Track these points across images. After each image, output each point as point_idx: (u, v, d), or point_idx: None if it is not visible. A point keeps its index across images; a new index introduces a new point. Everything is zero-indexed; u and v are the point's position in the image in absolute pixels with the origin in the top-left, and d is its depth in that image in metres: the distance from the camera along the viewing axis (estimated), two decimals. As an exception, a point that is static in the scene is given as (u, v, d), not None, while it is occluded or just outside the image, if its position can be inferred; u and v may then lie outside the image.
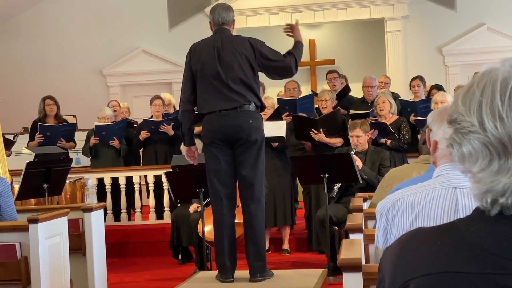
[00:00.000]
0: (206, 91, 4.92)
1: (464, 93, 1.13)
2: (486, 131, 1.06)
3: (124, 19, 12.54)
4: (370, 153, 6.60)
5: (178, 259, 7.43)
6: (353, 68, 12.51)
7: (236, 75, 4.86)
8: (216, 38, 4.99)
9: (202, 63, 4.92)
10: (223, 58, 4.88)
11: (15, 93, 12.28)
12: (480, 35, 11.76)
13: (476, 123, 1.08)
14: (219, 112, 4.86)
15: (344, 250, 2.86)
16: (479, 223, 1.09)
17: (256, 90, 4.96)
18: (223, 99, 4.86)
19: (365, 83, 8.53)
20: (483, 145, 1.07)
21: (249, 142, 4.85)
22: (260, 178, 4.96)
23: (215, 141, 4.88)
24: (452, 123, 1.13)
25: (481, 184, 1.08)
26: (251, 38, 5.08)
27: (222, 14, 5.05)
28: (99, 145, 8.60)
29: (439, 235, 1.12)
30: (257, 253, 4.93)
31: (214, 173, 4.93)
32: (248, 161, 4.88)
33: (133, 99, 12.46)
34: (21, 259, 4.51)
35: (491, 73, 1.11)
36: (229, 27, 5.07)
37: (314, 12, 12.00)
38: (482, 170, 1.07)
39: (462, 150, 1.10)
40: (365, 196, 4.76)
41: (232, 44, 4.93)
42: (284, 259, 7.29)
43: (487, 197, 1.07)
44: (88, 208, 5.56)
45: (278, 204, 7.35)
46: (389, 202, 2.09)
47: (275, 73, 5.07)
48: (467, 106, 1.10)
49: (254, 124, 4.89)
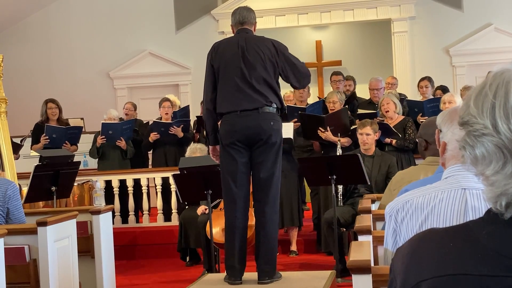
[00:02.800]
0: (228, 90, 4.89)
1: (476, 94, 1.12)
2: (500, 134, 1.05)
3: (131, 22, 12.57)
4: (377, 157, 6.59)
5: (186, 261, 7.44)
6: (360, 69, 12.50)
7: (259, 75, 4.84)
8: (240, 37, 4.97)
9: (226, 61, 4.89)
10: (247, 57, 4.86)
11: (22, 96, 12.31)
12: (487, 35, 11.72)
13: (489, 125, 1.07)
14: (240, 113, 4.83)
15: (353, 252, 2.85)
16: (492, 225, 1.08)
17: (278, 91, 4.94)
18: (245, 99, 4.82)
19: (371, 86, 8.55)
20: (497, 147, 1.06)
21: (268, 144, 4.83)
22: (277, 180, 4.93)
23: (235, 142, 4.83)
24: (464, 125, 1.12)
25: (494, 187, 1.07)
26: (275, 40, 5.07)
27: (243, 13, 5.05)
28: (106, 147, 8.61)
29: (451, 237, 1.11)
30: (268, 257, 4.89)
31: (230, 175, 4.88)
32: (267, 163, 4.85)
33: (140, 101, 12.47)
34: (30, 262, 4.52)
35: (503, 74, 1.10)
36: (250, 28, 5.06)
37: (320, 13, 11.99)
38: (496, 173, 1.06)
39: (475, 152, 1.09)
40: (373, 197, 4.75)
41: (256, 44, 4.92)
42: (292, 261, 7.28)
43: (501, 200, 1.06)
44: (97, 211, 5.57)
45: (285, 206, 7.34)
46: (398, 204, 2.09)
47: (295, 78, 5.02)
48: (479, 108, 1.09)
49: (275, 126, 4.87)
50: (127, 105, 9.50)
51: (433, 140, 2.71)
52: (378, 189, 6.29)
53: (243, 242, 4.95)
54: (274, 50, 4.91)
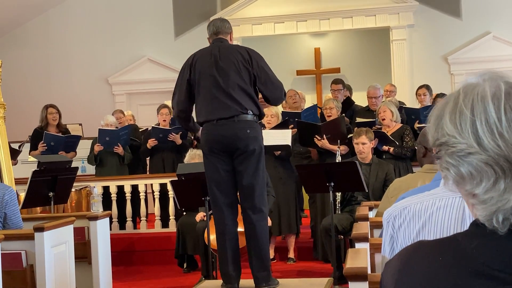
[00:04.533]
0: (204, 99, 4.91)
1: (450, 112, 1.09)
2: (487, 151, 1.03)
3: (130, 28, 12.58)
4: (375, 165, 6.59)
5: (184, 268, 7.42)
6: (359, 76, 12.52)
7: (233, 82, 4.84)
8: (214, 46, 5.00)
9: (200, 71, 4.92)
10: (220, 65, 4.88)
11: (21, 101, 12.31)
12: (486, 43, 11.75)
13: (474, 144, 1.04)
14: (216, 122, 4.85)
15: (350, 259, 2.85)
16: (480, 238, 1.06)
17: (255, 98, 4.93)
18: (221, 107, 4.84)
19: (369, 94, 8.56)
20: (487, 165, 1.03)
21: (247, 152, 4.83)
22: (261, 187, 4.93)
23: (214, 151, 4.87)
24: (443, 146, 1.09)
25: (488, 205, 1.05)
26: (250, 48, 5.08)
27: (217, 24, 5.08)
28: (103, 154, 8.60)
29: (440, 250, 1.10)
30: (261, 263, 4.90)
31: (214, 182, 4.92)
32: (248, 171, 4.86)
33: (139, 107, 12.49)
34: (27, 268, 4.51)
35: (475, 89, 1.08)
36: (225, 37, 5.07)
37: (319, 20, 12.01)
38: (488, 191, 1.04)
39: (461, 172, 1.07)
40: (370, 205, 4.75)
41: (229, 51, 4.93)
42: (290, 268, 7.27)
43: (498, 217, 1.04)
44: (94, 217, 5.57)
45: (282, 213, 7.34)
46: (395, 210, 2.08)
47: (266, 87, 4.98)
48: (458, 127, 1.06)
49: (252, 134, 4.86)
50: (116, 115, 9.48)
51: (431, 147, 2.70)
52: (375, 197, 6.28)
53: (236, 248, 4.95)
54: (248, 57, 4.91)
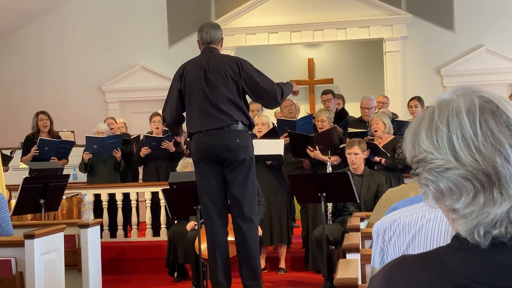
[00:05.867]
0: (194, 111, 4.93)
1: (426, 129, 1.10)
2: (465, 165, 1.04)
3: (124, 36, 12.59)
4: (366, 176, 6.60)
5: (174, 277, 7.39)
6: (352, 87, 12.56)
7: (223, 95, 4.85)
8: (203, 57, 5.01)
9: (190, 83, 4.93)
10: (209, 78, 4.88)
11: (13, 108, 12.29)
12: (479, 56, 11.81)
13: (452, 159, 1.05)
14: (206, 132, 4.87)
15: (340, 270, 2.85)
16: (462, 252, 1.07)
17: (244, 109, 4.95)
18: (210, 119, 4.86)
19: (362, 105, 8.58)
20: (466, 180, 1.04)
21: (237, 162, 4.84)
22: (251, 196, 4.94)
23: (204, 160, 4.87)
24: (421, 163, 1.10)
25: (469, 219, 1.06)
26: (239, 58, 5.08)
27: (210, 33, 5.07)
28: (95, 162, 8.58)
29: (423, 265, 1.10)
30: (251, 272, 4.90)
31: (205, 191, 4.93)
32: (237, 180, 4.87)
33: (132, 115, 12.47)
34: (17, 275, 4.49)
35: (450, 104, 1.09)
36: (216, 46, 5.08)
37: (313, 31, 12.05)
38: (468, 205, 1.05)
39: (440, 187, 1.07)
40: (362, 215, 4.76)
41: (218, 64, 4.93)
42: (281, 278, 7.25)
43: (479, 231, 1.05)
44: (85, 224, 5.55)
45: (274, 223, 7.33)
46: (385, 223, 2.09)
47: (258, 96, 5.01)
48: (435, 143, 1.07)
49: (242, 143, 4.87)
50: (108, 121, 9.47)
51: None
52: (367, 208, 6.29)
53: (226, 257, 4.95)
54: (237, 69, 4.91)
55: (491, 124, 1.05)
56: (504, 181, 1.04)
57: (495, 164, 1.03)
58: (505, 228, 1.04)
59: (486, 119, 1.06)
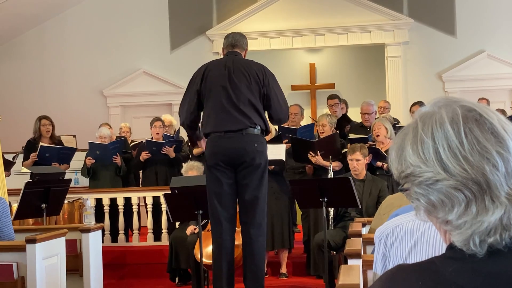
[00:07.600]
0: (213, 110, 4.91)
1: (411, 143, 1.09)
2: (454, 176, 1.04)
3: (125, 41, 12.60)
4: (368, 181, 6.60)
5: (176, 282, 7.38)
6: (353, 92, 12.55)
7: (245, 96, 4.85)
8: (228, 59, 5.01)
9: (212, 82, 4.92)
10: (233, 78, 4.88)
11: (15, 113, 12.29)
12: (480, 61, 11.80)
13: (440, 170, 1.05)
14: (223, 134, 4.85)
15: (342, 276, 2.84)
16: (457, 262, 1.07)
17: (262, 114, 4.96)
18: (230, 120, 4.84)
19: (362, 110, 8.58)
20: (457, 190, 1.04)
21: (252, 166, 4.84)
22: (262, 202, 4.93)
23: (219, 163, 4.85)
24: (409, 178, 1.10)
25: (463, 230, 1.05)
26: (266, 67, 5.09)
27: (236, 37, 5.10)
28: (97, 166, 8.58)
29: (419, 275, 1.09)
30: (255, 278, 4.89)
31: (216, 196, 4.90)
32: (251, 185, 4.86)
33: (133, 120, 12.47)
34: (18, 280, 4.49)
35: (433, 116, 1.09)
36: (241, 52, 5.09)
37: (315, 36, 12.06)
38: (461, 216, 1.05)
39: (431, 200, 1.07)
40: (363, 221, 4.75)
41: (243, 66, 4.94)
42: (282, 283, 7.24)
43: (474, 240, 1.05)
44: (86, 229, 5.55)
45: (275, 228, 7.32)
46: (388, 229, 2.08)
47: (272, 110, 5.04)
48: (422, 156, 1.07)
49: (259, 148, 4.87)
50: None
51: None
52: (368, 213, 6.28)
53: (231, 263, 4.94)
54: (262, 75, 4.93)
55: (476, 132, 1.05)
56: (495, 188, 1.04)
57: (484, 172, 1.03)
58: (500, 235, 1.04)
59: (471, 127, 1.06)
